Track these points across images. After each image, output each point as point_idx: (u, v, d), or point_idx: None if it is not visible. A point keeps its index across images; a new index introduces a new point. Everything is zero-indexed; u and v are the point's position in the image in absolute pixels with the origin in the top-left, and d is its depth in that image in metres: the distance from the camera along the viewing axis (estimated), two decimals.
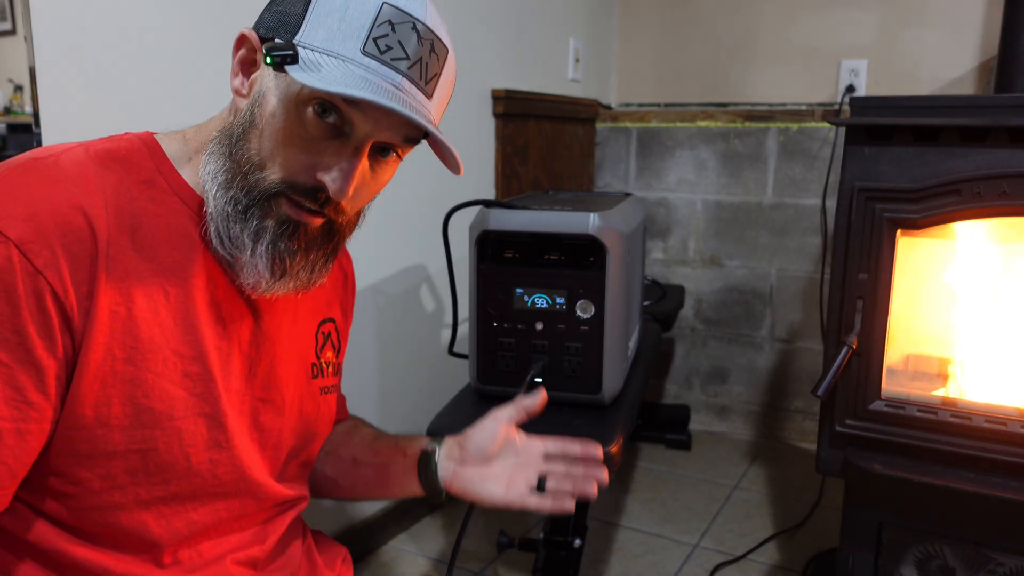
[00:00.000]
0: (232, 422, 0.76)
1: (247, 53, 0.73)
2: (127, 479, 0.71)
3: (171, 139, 0.77)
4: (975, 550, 1.36)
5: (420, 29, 0.70)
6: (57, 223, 0.65)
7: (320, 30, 0.68)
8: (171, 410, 0.71)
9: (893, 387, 1.42)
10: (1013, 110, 1.25)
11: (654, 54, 2.60)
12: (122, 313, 0.68)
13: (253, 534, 0.83)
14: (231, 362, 0.77)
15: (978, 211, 1.27)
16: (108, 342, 0.67)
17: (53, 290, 0.64)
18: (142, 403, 0.70)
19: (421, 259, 1.88)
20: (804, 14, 2.34)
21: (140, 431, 0.70)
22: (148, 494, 0.72)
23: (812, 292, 2.42)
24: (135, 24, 1.18)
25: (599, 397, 1.20)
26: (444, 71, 0.73)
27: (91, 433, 0.68)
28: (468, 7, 1.91)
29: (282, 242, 0.72)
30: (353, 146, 0.70)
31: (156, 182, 0.73)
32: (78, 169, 0.69)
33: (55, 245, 0.64)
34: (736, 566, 1.80)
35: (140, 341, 0.69)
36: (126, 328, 0.68)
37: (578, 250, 1.16)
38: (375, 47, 0.68)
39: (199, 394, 0.73)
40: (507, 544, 1.50)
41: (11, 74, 1.08)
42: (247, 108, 0.72)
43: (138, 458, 0.71)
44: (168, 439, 0.72)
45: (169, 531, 0.75)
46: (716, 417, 2.64)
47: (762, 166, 2.45)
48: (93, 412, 0.68)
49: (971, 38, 2.14)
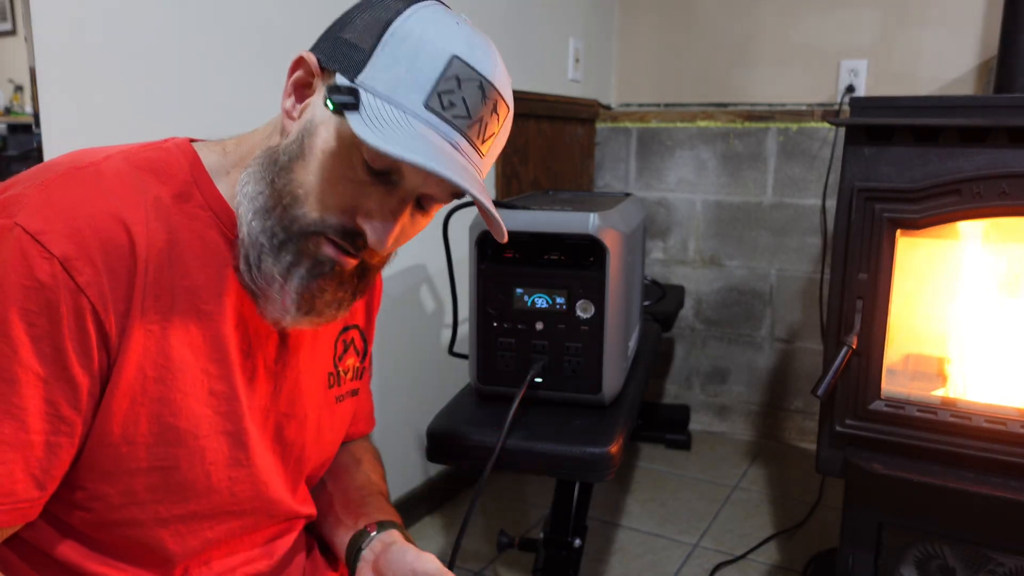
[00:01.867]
0: (254, 440, 0.76)
1: (303, 76, 0.71)
2: (147, 496, 0.71)
3: (210, 150, 0.76)
4: (975, 550, 1.36)
5: (486, 88, 0.68)
6: (100, 239, 0.64)
7: (386, 75, 0.65)
8: (196, 428, 0.71)
9: (893, 387, 1.42)
10: (1013, 110, 1.25)
11: (654, 54, 2.60)
12: (156, 332, 0.68)
13: (262, 550, 0.83)
14: (256, 379, 0.76)
15: (978, 211, 1.27)
16: (141, 361, 0.67)
17: (94, 308, 0.64)
18: (168, 421, 0.69)
19: (421, 259, 1.88)
20: (804, 14, 2.34)
21: (164, 448, 0.70)
22: (167, 512, 0.72)
23: (812, 292, 2.42)
24: (135, 24, 1.18)
25: (599, 397, 1.20)
26: (502, 131, 0.73)
27: (116, 450, 0.68)
28: (468, 7, 1.91)
29: (315, 281, 0.70)
30: (399, 197, 0.69)
31: (192, 196, 0.72)
32: (120, 181, 0.68)
33: (98, 262, 0.64)
34: (736, 566, 1.80)
35: (171, 360, 0.69)
36: (159, 347, 0.68)
37: (578, 250, 1.16)
38: (439, 102, 0.66)
39: (223, 413, 0.73)
40: (507, 544, 1.50)
41: (11, 74, 1.08)
42: (296, 135, 0.70)
43: (160, 476, 0.70)
44: (191, 457, 0.71)
45: (184, 548, 0.74)
46: (716, 417, 2.64)
47: (762, 166, 2.45)
48: (120, 429, 0.67)
49: (971, 38, 2.14)
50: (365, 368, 0.94)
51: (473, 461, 1.13)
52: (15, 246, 0.61)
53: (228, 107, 1.32)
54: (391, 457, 1.89)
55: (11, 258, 0.61)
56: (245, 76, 1.35)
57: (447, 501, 2.09)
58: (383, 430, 1.86)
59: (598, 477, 1.13)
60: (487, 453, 1.09)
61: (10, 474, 0.63)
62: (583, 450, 1.11)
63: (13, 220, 0.62)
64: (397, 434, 1.89)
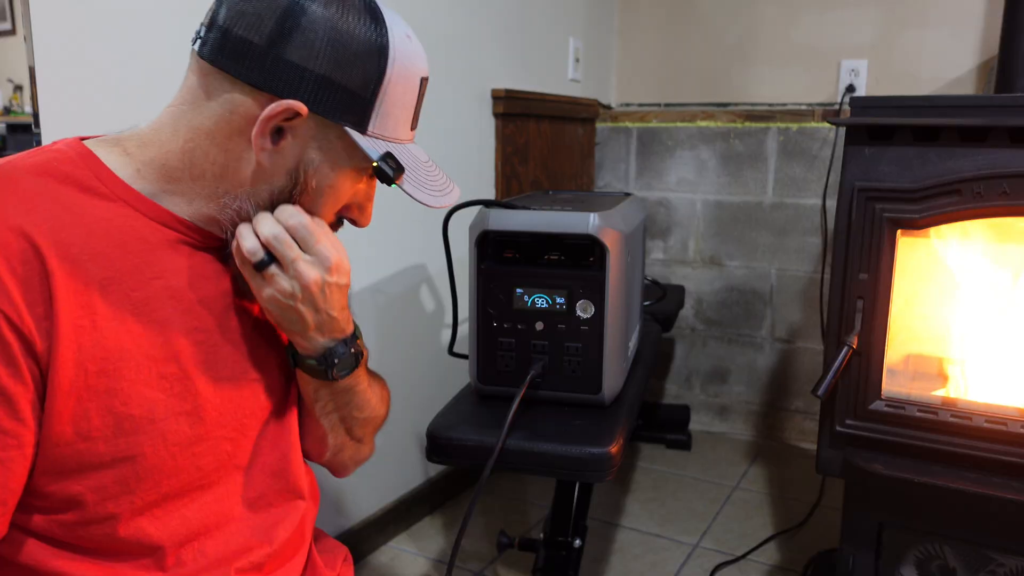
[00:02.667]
0: (213, 414, 0.76)
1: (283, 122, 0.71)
2: (118, 488, 0.71)
3: (107, 150, 0.74)
4: (975, 550, 1.36)
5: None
6: (1, 253, 0.63)
7: (388, 121, 0.75)
8: (151, 413, 0.71)
9: (893, 387, 1.42)
10: (1013, 110, 1.25)
11: (654, 54, 2.60)
12: (87, 325, 0.67)
13: (255, 534, 0.82)
14: (219, 352, 0.77)
15: (978, 211, 1.27)
16: (77, 357, 0.67)
17: (7, 317, 0.63)
18: (121, 411, 0.69)
19: (421, 259, 1.88)
20: (804, 14, 2.34)
21: (124, 439, 0.70)
22: (141, 500, 0.72)
23: (812, 292, 2.42)
24: (135, 24, 1.18)
25: (599, 397, 1.20)
26: None
27: (74, 448, 0.68)
28: (468, 7, 1.91)
29: None
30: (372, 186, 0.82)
31: (97, 188, 0.71)
32: (12, 186, 0.67)
33: (2, 272, 0.63)
34: (736, 566, 1.80)
35: (110, 352, 0.69)
36: (94, 341, 0.68)
37: (578, 250, 1.16)
38: (413, 119, 0.79)
39: (177, 394, 0.73)
40: (507, 544, 1.50)
41: (11, 74, 1.08)
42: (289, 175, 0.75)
43: (128, 466, 0.71)
44: (154, 442, 0.72)
45: (167, 531, 0.75)
46: (716, 417, 2.64)
47: (762, 166, 2.45)
48: (72, 428, 0.67)
49: (971, 38, 2.14)
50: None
51: (473, 461, 1.13)
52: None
53: None
54: (391, 457, 1.89)
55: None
56: None
57: (447, 501, 2.09)
58: (383, 430, 1.86)
59: (598, 477, 1.13)
60: (487, 453, 1.09)
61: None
62: (583, 450, 1.11)
63: None
64: (397, 434, 1.89)
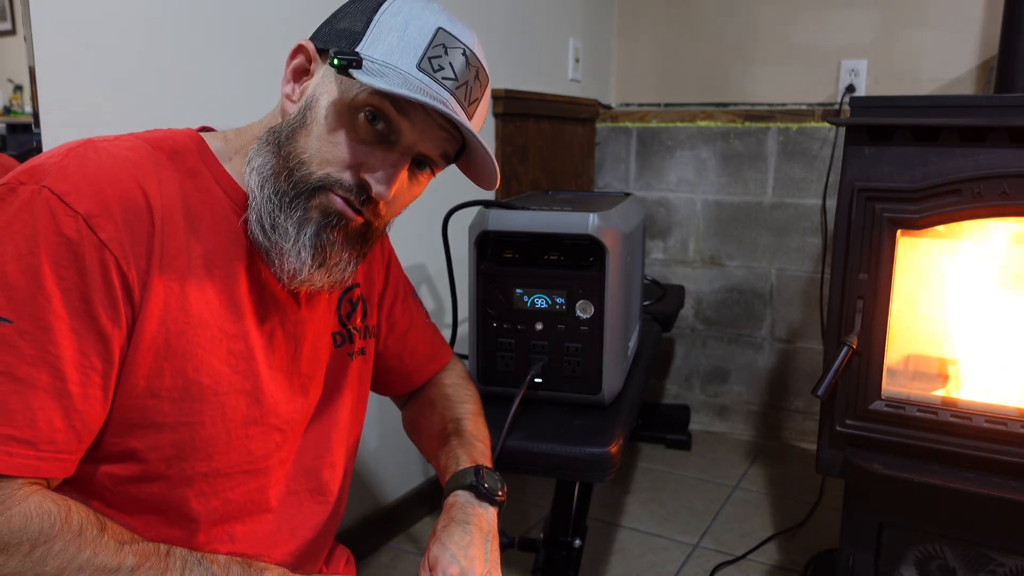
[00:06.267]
0: (270, 400, 0.79)
1: (302, 62, 0.78)
2: (174, 451, 0.73)
3: (213, 137, 0.81)
4: (975, 550, 1.36)
5: (469, 55, 0.77)
6: (120, 198, 0.68)
7: (380, 45, 0.74)
8: (216, 385, 0.74)
9: (893, 387, 1.42)
10: (1013, 110, 1.25)
11: (654, 54, 2.60)
12: (175, 289, 0.71)
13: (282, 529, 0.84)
14: (275, 343, 0.80)
15: (978, 211, 1.27)
16: (162, 315, 0.71)
17: (117, 262, 0.67)
18: (191, 376, 0.73)
19: (421, 259, 1.88)
20: (804, 14, 2.34)
21: (188, 404, 0.73)
22: (192, 469, 0.75)
23: (812, 292, 2.42)
24: (135, 24, 1.18)
25: (599, 397, 1.20)
26: (484, 98, 0.80)
27: (142, 403, 0.71)
28: (468, 7, 1.91)
29: (325, 233, 0.75)
30: (398, 153, 0.76)
31: (201, 172, 0.77)
32: (134, 153, 0.73)
33: (118, 219, 0.68)
34: (736, 566, 1.80)
35: (191, 316, 0.72)
36: (179, 303, 0.72)
37: (578, 250, 1.16)
38: (429, 65, 0.74)
39: (242, 371, 0.77)
40: (507, 544, 1.49)
41: (11, 74, 1.08)
42: (298, 111, 0.76)
43: (186, 431, 0.73)
44: (213, 413, 0.75)
45: (207, 508, 0.77)
46: (716, 417, 2.64)
47: (762, 166, 2.45)
48: (146, 383, 0.70)
49: (971, 38, 2.14)
50: (369, 327, 0.97)
51: None
52: (44, 206, 0.66)
53: (228, 105, 1.32)
54: (391, 457, 1.89)
55: (41, 217, 0.65)
56: (245, 75, 1.35)
57: None
58: (383, 430, 1.86)
59: (598, 477, 1.13)
60: None
61: (50, 422, 0.65)
62: (583, 450, 1.11)
63: (40, 184, 0.66)
64: (397, 434, 1.89)
